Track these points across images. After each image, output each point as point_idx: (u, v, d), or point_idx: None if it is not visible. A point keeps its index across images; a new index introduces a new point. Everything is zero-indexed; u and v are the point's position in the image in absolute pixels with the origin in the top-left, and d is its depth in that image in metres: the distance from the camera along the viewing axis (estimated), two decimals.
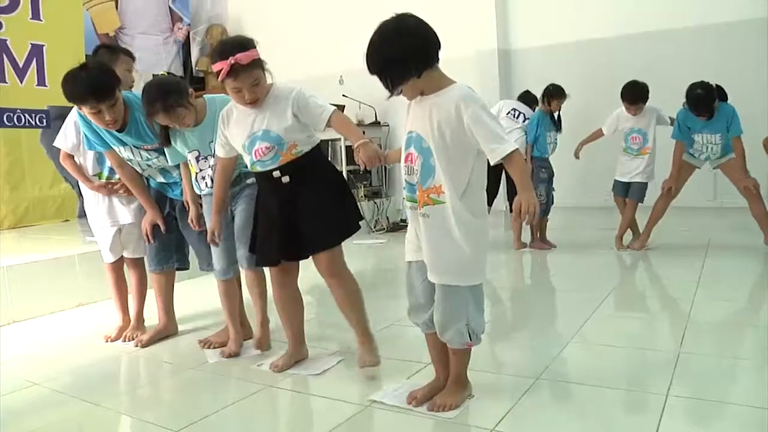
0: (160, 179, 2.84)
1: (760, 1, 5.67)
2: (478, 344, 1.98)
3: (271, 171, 2.27)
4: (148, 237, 2.85)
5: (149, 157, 2.72)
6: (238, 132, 2.31)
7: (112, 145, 2.70)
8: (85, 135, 2.73)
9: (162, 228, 2.84)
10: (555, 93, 4.83)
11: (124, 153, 2.71)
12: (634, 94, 4.61)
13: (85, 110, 2.52)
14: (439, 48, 1.83)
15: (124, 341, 2.97)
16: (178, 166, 2.76)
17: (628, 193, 4.71)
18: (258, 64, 2.21)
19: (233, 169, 2.50)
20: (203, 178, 2.62)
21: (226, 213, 2.63)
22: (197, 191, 2.68)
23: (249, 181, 2.61)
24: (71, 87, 2.47)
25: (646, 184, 4.69)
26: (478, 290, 1.94)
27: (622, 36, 6.34)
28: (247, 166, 2.59)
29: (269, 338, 2.75)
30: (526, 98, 5.19)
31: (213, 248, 2.64)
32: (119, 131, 2.62)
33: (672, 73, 5.75)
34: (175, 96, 2.44)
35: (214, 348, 2.75)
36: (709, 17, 5.94)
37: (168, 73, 7.03)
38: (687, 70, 5.72)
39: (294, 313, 2.51)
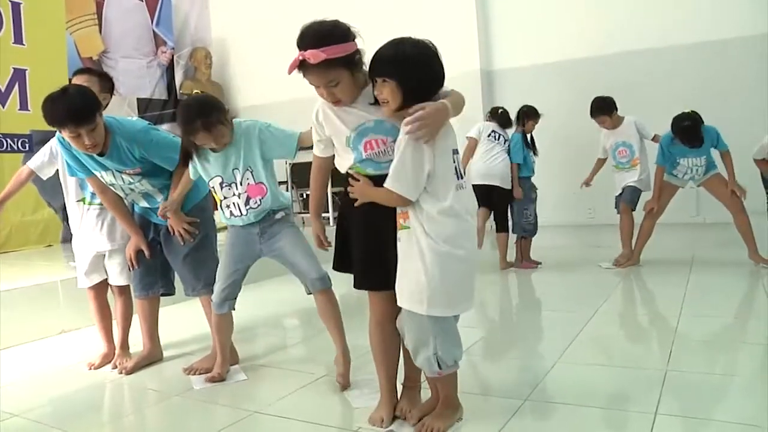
0: (144, 204, 2.82)
1: (760, 16, 5.69)
2: (453, 370, 1.94)
3: (386, 175, 1.84)
4: (132, 263, 2.82)
5: (132, 181, 2.69)
6: (341, 122, 1.93)
7: (93, 170, 2.67)
8: (66, 162, 2.71)
9: (146, 253, 2.81)
10: (530, 114, 4.91)
11: (106, 177, 2.68)
12: (594, 107, 4.80)
13: (65, 134, 2.49)
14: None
15: (113, 368, 2.91)
16: (162, 191, 2.74)
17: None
18: (338, 63, 1.79)
19: (330, 169, 2.16)
20: (227, 206, 2.50)
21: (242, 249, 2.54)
22: (222, 219, 2.59)
23: (278, 216, 2.52)
24: (50, 110, 2.43)
25: (639, 191, 4.74)
26: (445, 322, 1.88)
27: (609, 55, 6.35)
28: (280, 200, 2.52)
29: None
30: (502, 119, 4.98)
31: (216, 282, 2.59)
32: (100, 155, 2.59)
33: (664, 91, 5.81)
34: (216, 113, 2.33)
35: (200, 374, 2.71)
36: (706, 34, 5.89)
37: (201, 92, 6.90)
38: (681, 87, 5.79)
39: (395, 355, 2.07)
